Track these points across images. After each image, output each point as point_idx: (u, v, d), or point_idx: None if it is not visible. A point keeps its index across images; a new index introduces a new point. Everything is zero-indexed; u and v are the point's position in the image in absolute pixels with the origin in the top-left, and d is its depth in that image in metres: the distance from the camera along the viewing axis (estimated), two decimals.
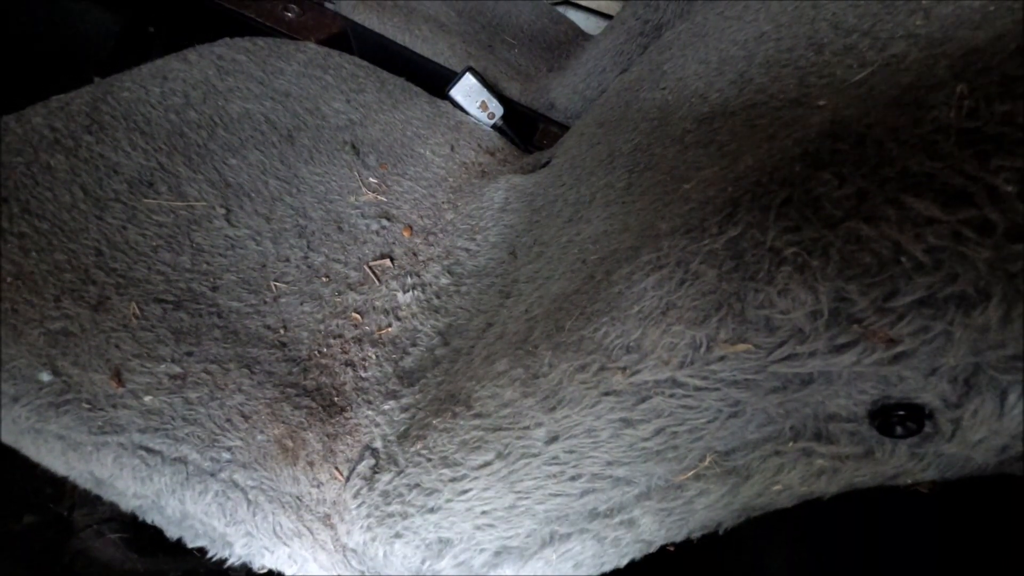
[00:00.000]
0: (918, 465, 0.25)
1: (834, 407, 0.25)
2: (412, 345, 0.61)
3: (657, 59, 0.78)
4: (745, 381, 0.26)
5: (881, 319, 0.22)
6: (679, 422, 0.28)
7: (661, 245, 0.29)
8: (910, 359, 0.22)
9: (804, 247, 0.23)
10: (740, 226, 0.25)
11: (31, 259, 0.53)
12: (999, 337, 0.20)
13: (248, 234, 0.65)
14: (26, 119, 0.62)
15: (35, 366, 0.48)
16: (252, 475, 0.49)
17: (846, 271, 0.22)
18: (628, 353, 0.29)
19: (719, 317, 0.25)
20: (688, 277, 0.27)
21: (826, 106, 0.30)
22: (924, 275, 0.20)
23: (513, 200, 0.78)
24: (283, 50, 0.88)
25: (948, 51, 0.25)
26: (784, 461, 0.28)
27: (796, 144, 0.26)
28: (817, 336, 0.23)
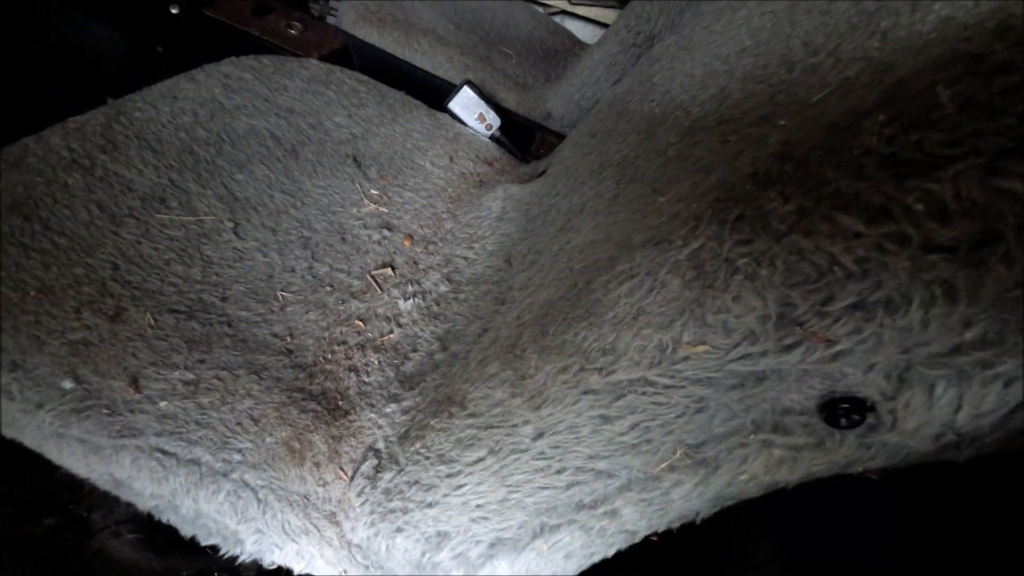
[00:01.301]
0: (867, 454, 0.28)
1: (788, 402, 0.28)
2: (413, 351, 0.64)
3: (647, 71, 0.81)
4: (707, 379, 0.28)
5: (820, 322, 0.24)
6: (651, 417, 0.31)
7: (634, 256, 0.32)
8: (848, 357, 0.25)
9: (754, 258, 0.26)
10: (701, 239, 0.28)
11: (52, 273, 0.57)
12: (922, 337, 0.23)
13: (255, 246, 0.69)
14: (45, 140, 0.66)
15: (57, 374, 0.51)
16: (262, 475, 0.52)
17: (789, 279, 0.25)
18: (604, 355, 0.32)
19: (682, 321, 0.28)
20: (656, 285, 0.30)
21: (785, 126, 0.33)
22: (855, 282, 0.23)
23: (510, 209, 0.82)
24: (287, 67, 0.91)
25: (885, 78, 0.28)
26: (748, 452, 0.31)
27: (752, 164, 0.29)
28: (767, 338, 0.26)
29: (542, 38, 1.49)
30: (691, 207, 0.31)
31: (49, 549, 0.65)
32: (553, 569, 0.44)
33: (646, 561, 0.55)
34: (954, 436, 0.25)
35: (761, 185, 0.27)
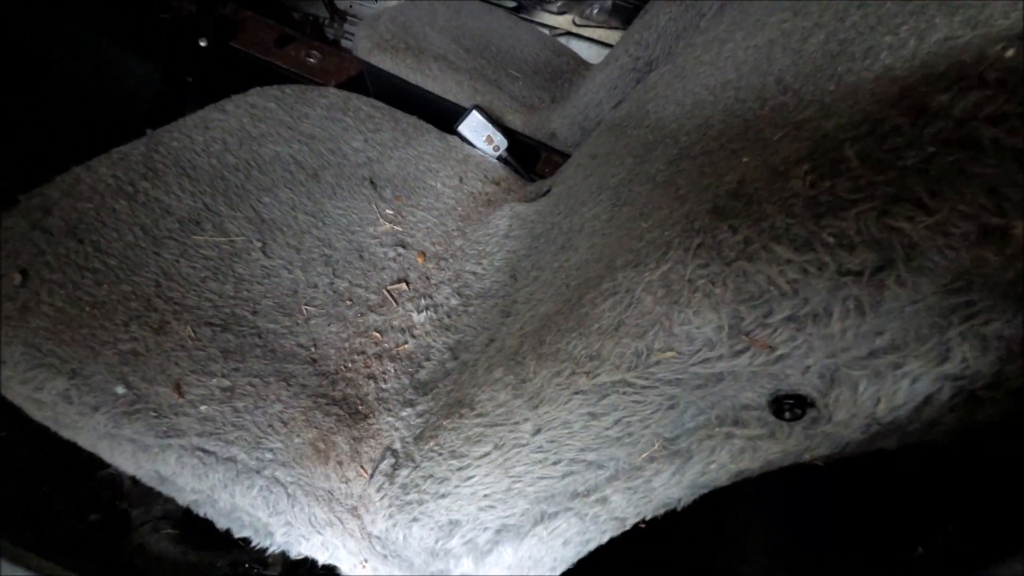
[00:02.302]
0: (812, 443, 0.33)
1: (743, 399, 0.34)
2: (426, 359, 0.71)
3: (643, 97, 0.88)
4: (676, 379, 0.34)
5: (763, 331, 0.30)
6: (632, 413, 0.37)
7: (616, 276, 0.38)
8: (787, 360, 0.30)
9: (710, 279, 0.31)
10: (670, 263, 0.34)
11: (103, 290, 0.64)
12: (843, 343, 0.29)
13: (281, 264, 0.76)
14: (93, 169, 0.74)
15: (111, 381, 0.58)
16: (291, 472, 0.58)
17: (738, 297, 0.30)
18: (591, 361, 0.38)
19: (654, 332, 0.34)
20: (633, 301, 0.35)
21: (747, 163, 0.39)
22: (788, 299, 0.29)
23: (516, 227, 0.88)
24: (308, 96, 0.99)
25: (823, 126, 0.33)
26: (715, 443, 0.36)
27: (712, 198, 0.35)
28: (722, 345, 0.31)
29: (548, 59, 1.56)
30: (664, 234, 0.37)
31: (94, 543, 0.72)
32: (553, 555, 0.50)
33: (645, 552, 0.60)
34: (879, 426, 0.30)
35: (717, 218, 0.32)
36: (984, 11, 0.40)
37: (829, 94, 0.42)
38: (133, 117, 1.06)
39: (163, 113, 0.90)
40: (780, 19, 0.67)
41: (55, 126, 1.02)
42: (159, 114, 0.88)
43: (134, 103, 1.12)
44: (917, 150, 0.25)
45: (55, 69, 1.03)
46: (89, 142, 0.83)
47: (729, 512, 0.68)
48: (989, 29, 0.37)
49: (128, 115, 1.09)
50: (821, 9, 0.61)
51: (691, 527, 0.72)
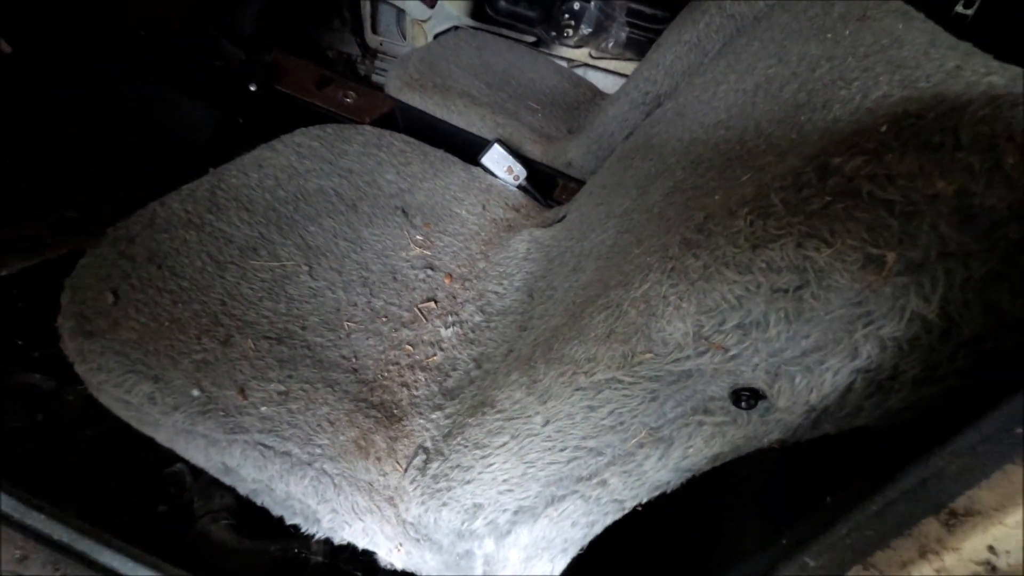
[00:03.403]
0: (767, 428, 0.42)
1: (710, 392, 0.42)
2: (453, 370, 0.80)
3: (649, 132, 0.97)
4: (655, 376, 0.43)
5: (719, 337, 0.39)
6: (622, 405, 0.45)
7: (609, 294, 0.47)
8: (739, 360, 0.39)
9: (679, 296, 0.40)
10: (649, 283, 0.43)
11: (179, 308, 0.76)
12: (780, 345, 0.37)
13: (326, 285, 0.87)
14: (167, 205, 0.87)
15: (187, 385, 0.69)
16: (337, 465, 0.68)
17: (700, 310, 0.39)
18: (588, 362, 0.47)
19: (636, 338, 0.43)
20: (620, 314, 0.45)
21: (717, 200, 0.48)
22: (735, 311, 0.38)
23: (534, 251, 0.98)
24: (346, 134, 1.12)
25: (771, 172, 0.42)
26: (691, 430, 0.44)
27: (684, 230, 0.44)
28: (689, 348, 0.40)
29: (565, 91, 1.67)
30: (647, 260, 0.46)
31: (162, 531, 0.82)
32: (563, 535, 0.58)
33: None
34: (815, 411, 0.39)
35: (686, 247, 0.42)
36: (916, 72, 0.49)
37: (790, 141, 0.51)
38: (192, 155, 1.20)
39: (219, 151, 1.03)
40: (767, 65, 0.77)
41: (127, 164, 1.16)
42: (215, 152, 1.01)
43: (195, 141, 1.27)
44: (820, 198, 0.34)
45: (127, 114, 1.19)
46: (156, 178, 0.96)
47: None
48: (911, 91, 0.46)
49: (188, 153, 1.23)
50: (799, 58, 0.71)
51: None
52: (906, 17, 0.67)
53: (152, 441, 0.88)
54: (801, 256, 0.34)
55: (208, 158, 1.04)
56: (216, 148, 1.12)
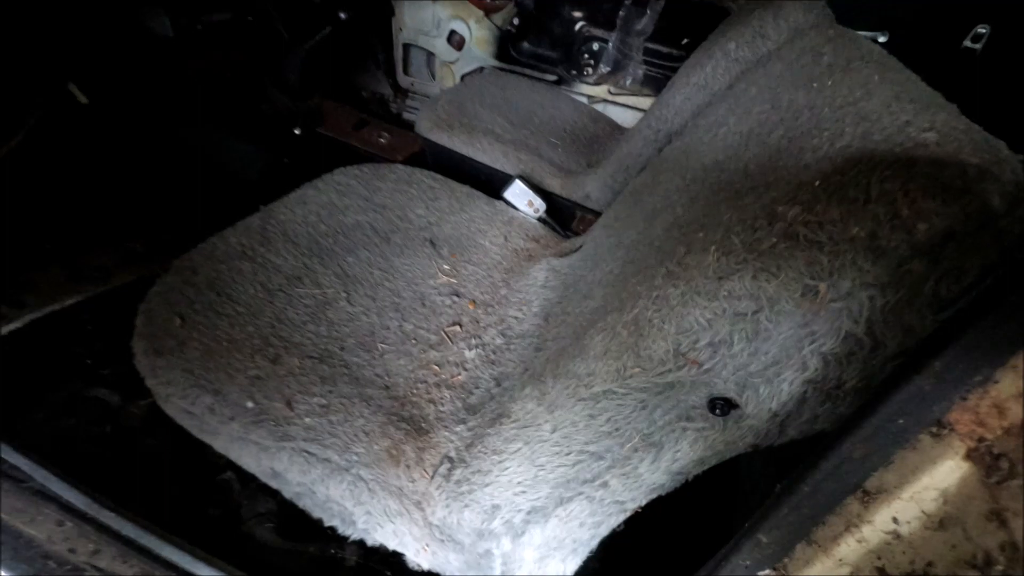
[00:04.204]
0: (742, 433, 0.49)
1: (691, 401, 0.50)
2: (475, 388, 0.89)
3: (658, 168, 1.07)
4: (644, 388, 0.51)
5: (695, 353, 0.47)
6: (618, 413, 0.53)
7: (607, 318, 0.56)
8: (711, 373, 0.47)
9: (661, 318, 0.48)
10: (638, 308, 0.51)
11: (235, 330, 0.87)
12: (744, 361, 0.45)
13: (361, 310, 0.97)
14: (224, 238, 0.99)
15: (242, 398, 0.80)
16: (371, 471, 0.77)
17: (679, 330, 0.47)
18: (588, 376, 0.55)
19: (627, 355, 0.51)
20: (614, 336, 0.53)
21: (700, 237, 0.56)
22: (706, 331, 0.46)
23: (551, 279, 1.07)
24: (380, 172, 1.24)
25: (743, 214, 0.51)
26: (677, 435, 0.52)
27: (670, 263, 0.52)
28: (670, 363, 0.48)
29: (584, 126, 1.77)
30: (638, 288, 0.54)
31: (214, 532, 0.92)
32: (572, 536, 0.66)
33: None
34: (779, 418, 0.46)
35: (668, 278, 0.50)
36: (875, 125, 0.57)
37: (766, 185, 0.60)
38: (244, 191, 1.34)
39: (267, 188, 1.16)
40: (761, 110, 0.85)
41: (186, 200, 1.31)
42: (264, 189, 1.14)
43: (244, 180, 1.41)
44: (769, 240, 0.42)
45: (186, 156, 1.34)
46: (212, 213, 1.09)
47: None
48: (866, 143, 0.54)
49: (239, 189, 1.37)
50: (788, 104, 0.79)
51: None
52: (883, 68, 0.75)
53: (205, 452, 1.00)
54: (756, 287, 0.43)
55: (258, 195, 1.18)
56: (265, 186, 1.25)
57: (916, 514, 0.33)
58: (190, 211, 1.32)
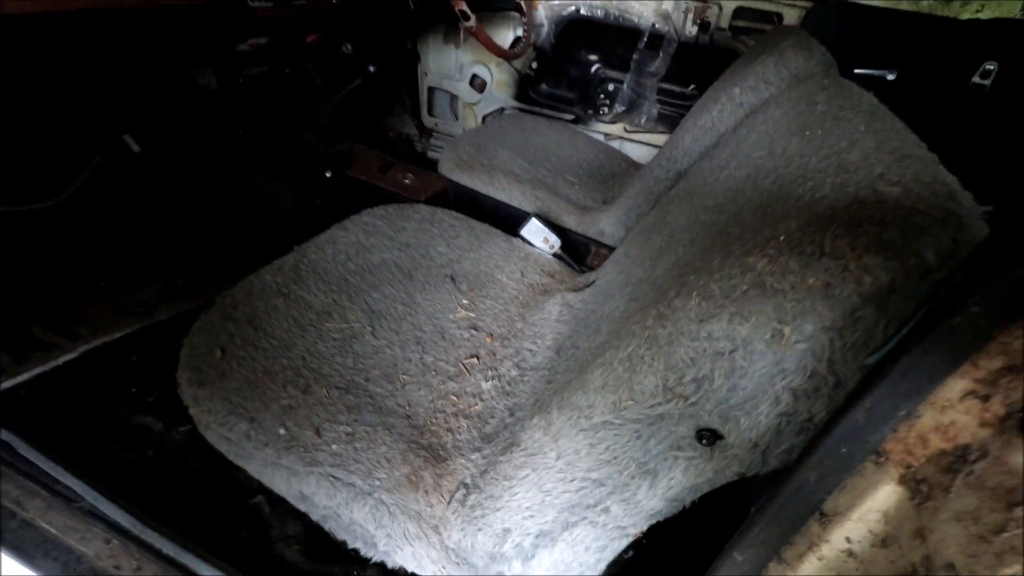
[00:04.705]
0: (728, 462, 0.54)
1: (681, 432, 0.55)
2: (491, 417, 0.95)
3: (666, 208, 1.13)
4: (637, 419, 0.56)
5: (680, 388, 0.52)
6: (615, 443, 0.58)
7: (606, 354, 0.62)
8: (696, 406, 0.52)
9: (652, 355, 0.54)
10: (632, 346, 0.57)
11: (269, 362, 0.95)
12: (725, 395, 0.50)
13: (385, 343, 1.05)
14: (261, 277, 1.08)
15: (275, 425, 0.87)
16: (392, 496, 0.83)
17: (667, 367, 0.53)
18: (588, 408, 0.60)
19: (622, 389, 0.56)
20: (611, 371, 0.58)
21: (691, 280, 0.62)
22: (690, 368, 0.51)
23: (565, 313, 1.13)
24: (404, 212, 1.33)
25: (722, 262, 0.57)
26: (670, 463, 0.57)
27: (661, 305, 0.58)
28: (659, 396, 0.53)
29: (601, 163, 1.85)
30: (633, 327, 0.60)
31: (245, 553, 0.99)
32: (578, 559, 0.70)
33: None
34: (759, 447, 0.51)
35: (658, 319, 0.56)
36: (852, 177, 0.63)
37: (753, 232, 0.65)
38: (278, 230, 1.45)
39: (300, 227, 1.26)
40: (759, 155, 0.91)
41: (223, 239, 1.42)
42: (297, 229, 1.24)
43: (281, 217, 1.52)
44: (742, 287, 0.48)
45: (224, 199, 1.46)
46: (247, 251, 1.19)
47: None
48: (841, 195, 0.59)
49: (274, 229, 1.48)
50: (782, 152, 0.85)
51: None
52: (871, 118, 0.80)
53: (238, 476, 1.07)
54: (731, 329, 0.48)
55: (292, 233, 1.28)
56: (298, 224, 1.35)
57: (864, 534, 0.37)
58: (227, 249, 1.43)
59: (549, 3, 1.92)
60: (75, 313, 1.30)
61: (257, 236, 1.48)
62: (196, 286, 1.41)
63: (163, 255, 1.49)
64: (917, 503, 0.32)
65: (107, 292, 1.37)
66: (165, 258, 1.48)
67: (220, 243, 1.48)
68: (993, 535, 0.27)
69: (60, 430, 1.15)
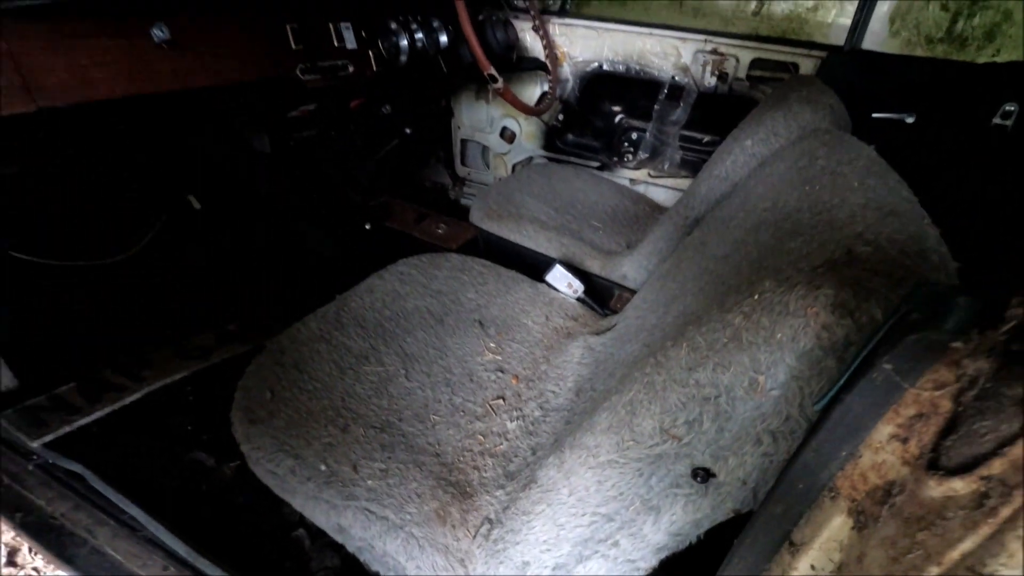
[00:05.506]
0: (722, 499, 0.59)
1: (678, 470, 0.61)
2: (514, 456, 1.02)
3: (681, 256, 1.20)
4: (639, 458, 0.62)
5: (675, 430, 0.58)
6: (621, 480, 0.65)
7: (611, 398, 0.68)
8: (690, 446, 0.58)
9: (648, 399, 0.61)
10: (633, 391, 0.64)
11: (312, 403, 1.05)
12: (714, 437, 0.56)
13: (417, 385, 1.13)
14: (307, 324, 1.20)
15: (317, 461, 0.96)
16: (422, 529, 0.90)
17: (662, 410, 0.59)
18: (595, 447, 0.67)
19: (624, 431, 0.63)
20: (615, 413, 0.65)
21: (688, 331, 0.69)
22: (682, 412, 0.57)
23: (586, 356, 1.20)
24: (437, 261, 1.43)
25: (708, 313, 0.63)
26: (671, 500, 0.62)
27: (659, 354, 0.65)
28: (656, 437, 0.60)
29: (626, 207, 1.93)
30: (635, 374, 0.67)
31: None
32: None
33: None
34: (750, 485, 0.56)
35: (655, 366, 0.63)
36: (835, 235, 0.69)
37: (748, 285, 0.72)
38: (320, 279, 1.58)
39: (341, 276, 1.38)
40: (764, 207, 0.98)
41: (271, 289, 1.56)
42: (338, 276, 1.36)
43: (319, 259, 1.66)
44: (723, 340, 0.55)
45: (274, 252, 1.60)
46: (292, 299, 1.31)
47: None
48: (824, 251, 0.65)
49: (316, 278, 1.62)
50: (783, 205, 0.92)
51: None
52: (866, 174, 0.86)
53: (281, 510, 1.16)
54: (715, 377, 0.55)
55: (334, 281, 1.40)
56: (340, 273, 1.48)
57: (825, 561, 0.42)
58: (277, 296, 1.57)
59: (573, 60, 2.06)
60: (142, 357, 1.45)
61: (302, 284, 1.61)
62: (247, 331, 1.54)
63: (218, 302, 1.64)
64: (858, 531, 0.38)
65: (170, 337, 1.52)
66: (220, 305, 1.63)
67: (269, 291, 1.62)
68: (903, 556, 0.33)
69: (124, 464, 1.27)
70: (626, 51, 1.99)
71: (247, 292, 1.64)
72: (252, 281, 1.65)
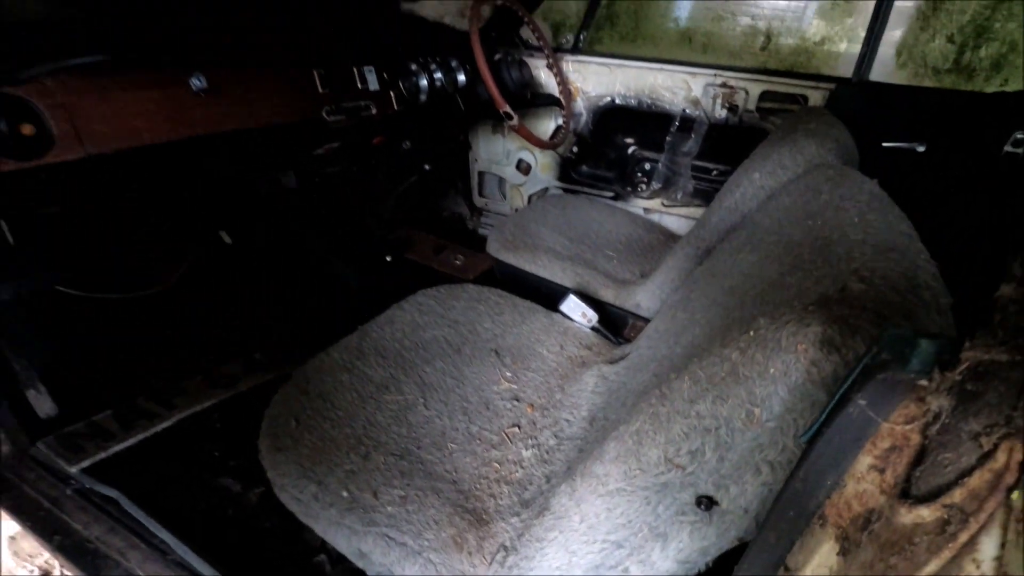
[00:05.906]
0: (726, 526, 0.62)
1: (683, 498, 0.63)
2: (529, 484, 1.05)
3: (691, 286, 1.23)
4: (646, 486, 0.65)
5: (679, 459, 0.61)
6: (629, 507, 0.67)
7: (620, 428, 0.72)
8: (694, 475, 0.61)
9: (654, 431, 0.64)
10: (639, 422, 0.67)
11: (335, 431, 1.10)
12: (715, 466, 0.59)
13: (435, 414, 1.17)
14: (330, 354, 1.25)
15: (339, 488, 1.00)
16: (439, 556, 0.93)
17: (666, 441, 0.62)
18: (604, 476, 0.70)
19: (631, 460, 0.66)
20: (623, 443, 0.68)
21: (691, 366, 0.72)
22: (685, 442, 0.60)
23: (600, 385, 1.23)
24: (454, 292, 1.49)
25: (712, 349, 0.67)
26: (678, 527, 0.65)
27: (663, 386, 0.68)
28: (661, 466, 0.63)
29: (640, 236, 1.97)
30: (641, 406, 0.70)
31: None
32: None
33: None
34: (751, 513, 0.59)
35: (660, 398, 0.66)
36: (830, 271, 0.72)
37: (750, 317, 0.75)
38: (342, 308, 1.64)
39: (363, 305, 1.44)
40: (770, 240, 1.02)
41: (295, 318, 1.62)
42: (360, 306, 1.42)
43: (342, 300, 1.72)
44: (721, 374, 0.58)
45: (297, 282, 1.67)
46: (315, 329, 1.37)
47: None
48: (820, 286, 0.69)
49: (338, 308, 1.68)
50: (787, 240, 0.95)
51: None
52: (867, 209, 0.90)
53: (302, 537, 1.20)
54: (715, 409, 0.58)
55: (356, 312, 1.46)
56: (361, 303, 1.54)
57: None
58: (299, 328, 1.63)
59: (586, 95, 2.13)
60: (173, 385, 1.52)
61: (325, 315, 1.68)
62: (273, 360, 1.61)
63: (246, 333, 1.71)
64: (843, 557, 0.41)
65: (200, 366, 1.59)
66: (247, 334, 1.70)
67: (294, 322, 1.69)
68: None
69: (155, 489, 1.32)
70: (638, 86, 2.06)
71: (273, 321, 1.71)
72: (278, 310, 1.72)
